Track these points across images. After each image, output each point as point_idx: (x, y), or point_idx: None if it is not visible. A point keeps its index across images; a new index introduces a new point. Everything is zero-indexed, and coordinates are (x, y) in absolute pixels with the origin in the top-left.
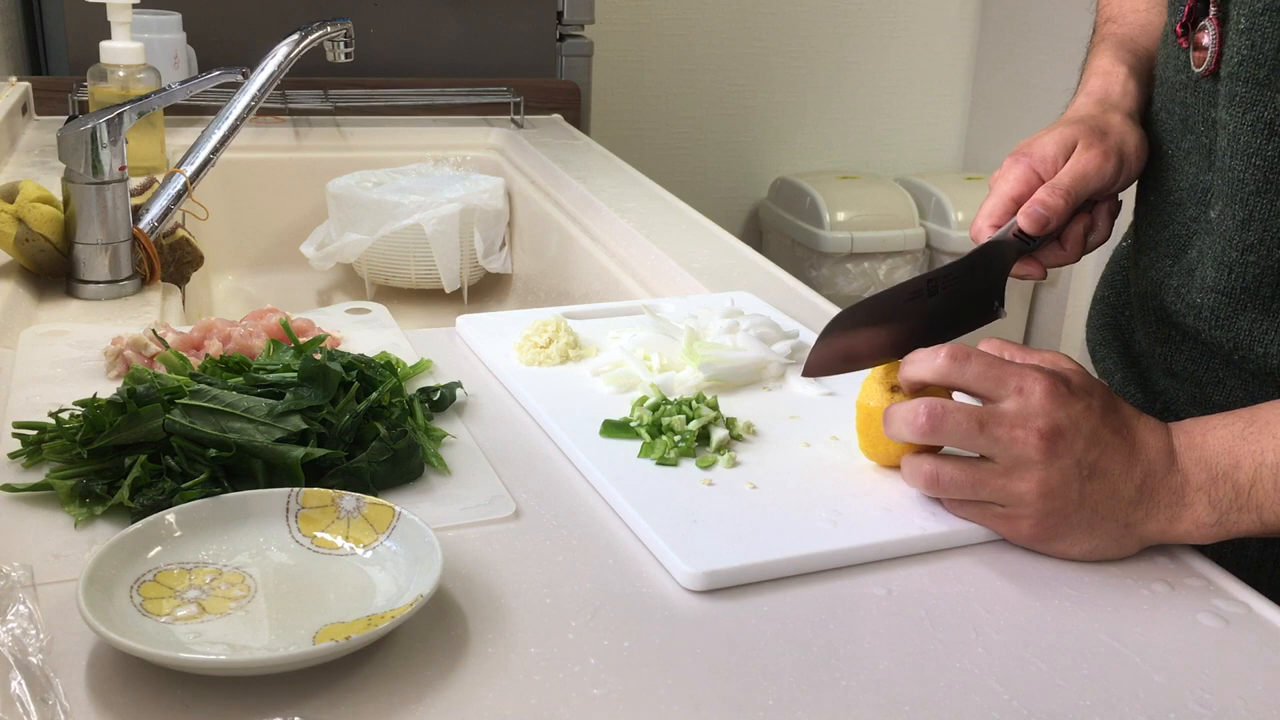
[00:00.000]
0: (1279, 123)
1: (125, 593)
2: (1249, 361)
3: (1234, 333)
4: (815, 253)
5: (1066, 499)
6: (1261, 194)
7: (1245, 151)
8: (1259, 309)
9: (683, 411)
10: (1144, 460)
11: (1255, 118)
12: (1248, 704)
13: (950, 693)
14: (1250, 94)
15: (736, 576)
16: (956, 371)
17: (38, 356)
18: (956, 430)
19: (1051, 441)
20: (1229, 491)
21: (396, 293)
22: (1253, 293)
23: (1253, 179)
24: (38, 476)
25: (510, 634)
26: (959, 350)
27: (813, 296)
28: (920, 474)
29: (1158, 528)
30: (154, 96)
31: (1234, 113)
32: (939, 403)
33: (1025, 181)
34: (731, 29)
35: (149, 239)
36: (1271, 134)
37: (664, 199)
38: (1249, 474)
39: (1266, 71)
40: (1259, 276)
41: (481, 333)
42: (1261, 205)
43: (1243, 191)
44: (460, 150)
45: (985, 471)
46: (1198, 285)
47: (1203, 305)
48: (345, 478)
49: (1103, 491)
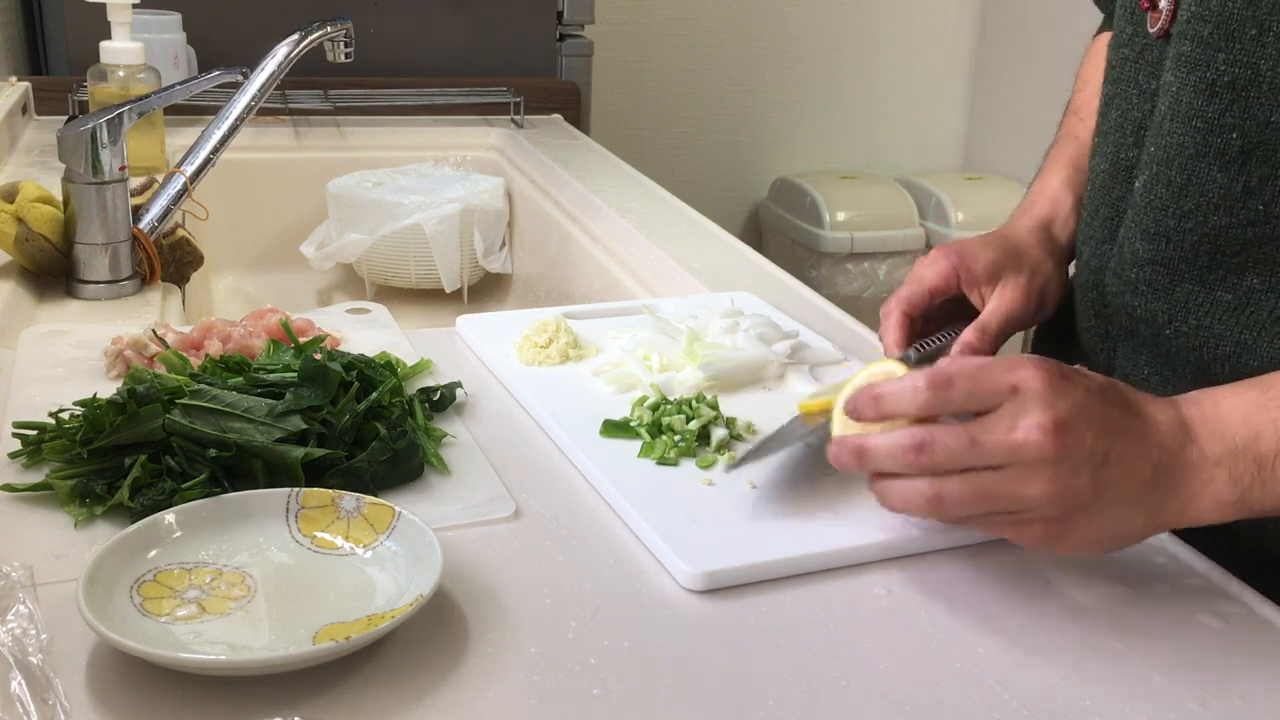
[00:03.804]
0: (1220, 83)
1: (125, 593)
2: (1182, 335)
3: (1170, 304)
4: (815, 253)
5: (1081, 494)
6: (1200, 157)
7: (1186, 114)
8: (1195, 280)
9: (683, 411)
10: (1157, 439)
11: (1198, 78)
12: (1248, 704)
13: (950, 693)
14: (1195, 53)
15: (736, 576)
16: (943, 400)
17: (38, 356)
18: (950, 457)
19: (1059, 436)
20: (1250, 466)
21: (396, 293)
22: (1190, 261)
23: (1192, 142)
24: (38, 476)
25: (510, 634)
26: (939, 375)
27: (813, 296)
28: (919, 497)
29: (1176, 509)
30: (154, 96)
31: (1179, 73)
32: (923, 432)
33: (946, 278)
34: (731, 29)
35: (149, 239)
36: (1213, 94)
37: (664, 199)
38: (1271, 445)
39: (1210, 28)
40: (1195, 244)
41: (481, 333)
42: (1200, 169)
43: (1181, 155)
44: (460, 150)
45: (991, 480)
46: (1129, 259)
47: (1139, 279)
48: (345, 478)
49: (1119, 479)
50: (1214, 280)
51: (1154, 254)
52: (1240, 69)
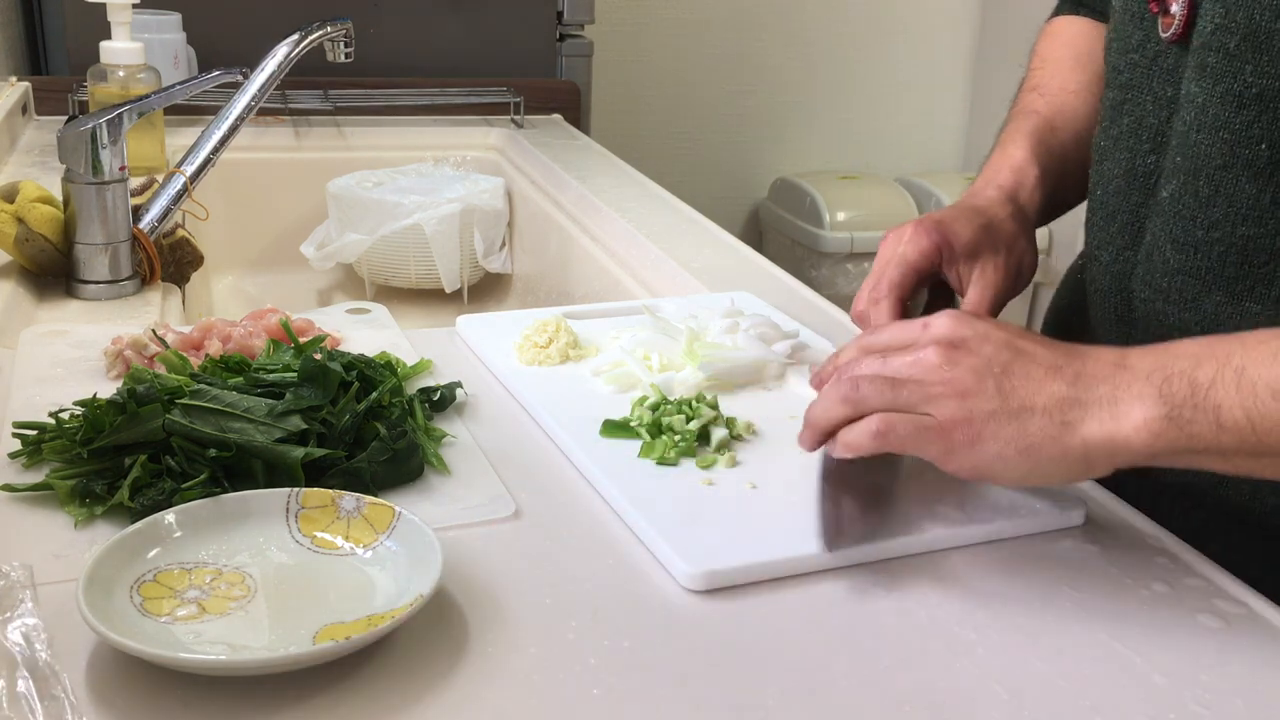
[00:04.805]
0: (1248, 94)
1: (125, 593)
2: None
3: (1200, 314)
4: (815, 253)
5: (984, 394)
6: (1228, 168)
7: (1213, 125)
8: (1224, 290)
9: (683, 411)
10: (1078, 364)
11: (1225, 89)
12: (1248, 704)
13: (950, 693)
14: (1221, 64)
15: (736, 576)
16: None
17: (38, 356)
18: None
19: (950, 349)
20: (1184, 387)
21: (396, 293)
22: (1217, 272)
23: (1219, 153)
24: (38, 476)
25: (510, 634)
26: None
27: (813, 296)
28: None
29: (1100, 428)
30: (154, 96)
31: (1204, 84)
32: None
33: (930, 258)
34: (731, 29)
35: (149, 239)
36: (1240, 105)
37: (664, 199)
38: (1210, 373)
39: (1237, 41)
40: (1223, 255)
41: (481, 333)
42: (1227, 180)
43: (1208, 166)
44: (460, 150)
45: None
46: (1160, 268)
47: (1170, 288)
48: (345, 478)
49: (1024, 385)
50: (1242, 291)
51: (1183, 264)
52: (1269, 80)
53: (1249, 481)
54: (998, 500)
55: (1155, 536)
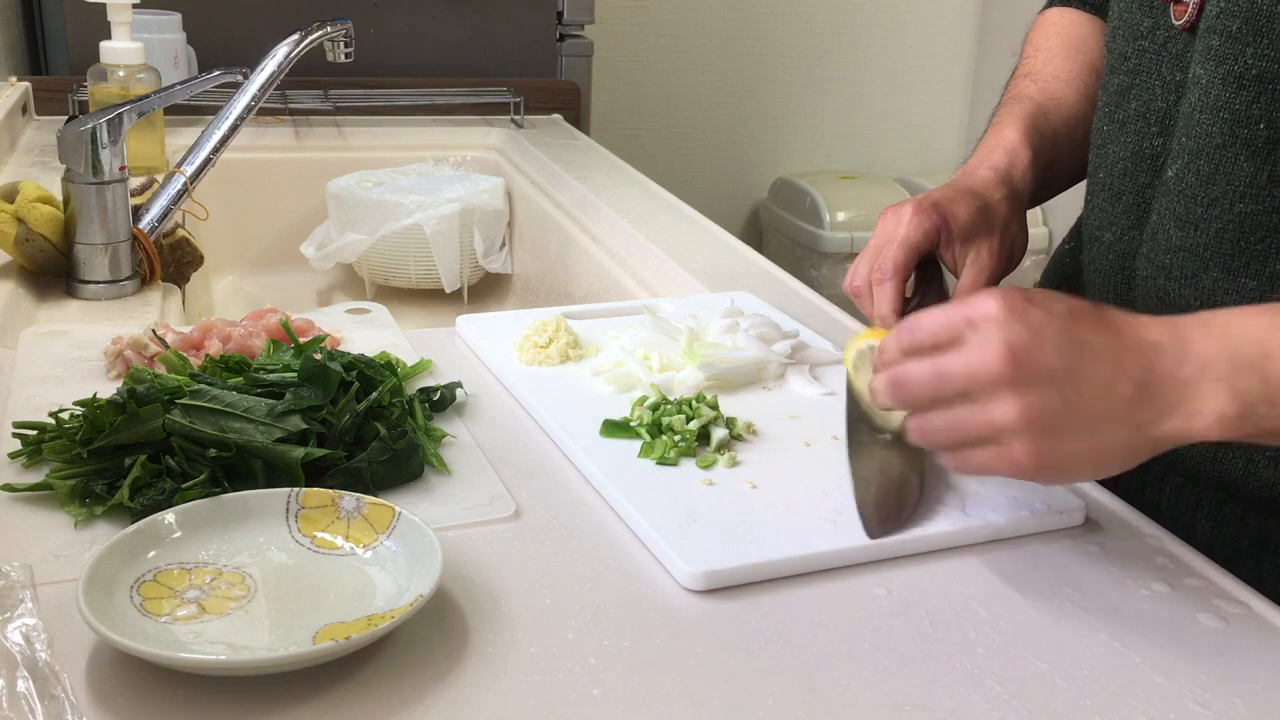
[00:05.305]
0: (1248, 76)
1: (125, 593)
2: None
3: (1198, 290)
4: (815, 253)
5: (1052, 413)
6: (1227, 147)
7: (1215, 105)
8: (1221, 267)
9: (683, 411)
10: (1140, 354)
11: (1227, 71)
12: (1248, 704)
13: (950, 693)
14: (1224, 47)
15: (736, 576)
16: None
17: (38, 356)
18: (922, 389)
19: (1011, 358)
20: (1256, 383)
21: (396, 293)
22: (1215, 249)
23: (1219, 132)
24: (38, 476)
25: (510, 634)
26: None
27: (813, 296)
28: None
29: (1174, 427)
30: (154, 96)
31: (1208, 66)
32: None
33: (931, 239)
34: (731, 29)
35: (149, 239)
36: (1240, 87)
37: (664, 199)
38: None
39: (1239, 24)
40: (1220, 231)
41: (481, 333)
42: (1226, 159)
43: (1209, 146)
44: (460, 150)
45: (964, 411)
46: (1164, 246)
47: (1171, 265)
48: (345, 478)
49: (1093, 396)
50: (1238, 267)
51: (1184, 240)
52: (1268, 62)
53: (1243, 455)
54: (998, 500)
55: (1155, 536)
